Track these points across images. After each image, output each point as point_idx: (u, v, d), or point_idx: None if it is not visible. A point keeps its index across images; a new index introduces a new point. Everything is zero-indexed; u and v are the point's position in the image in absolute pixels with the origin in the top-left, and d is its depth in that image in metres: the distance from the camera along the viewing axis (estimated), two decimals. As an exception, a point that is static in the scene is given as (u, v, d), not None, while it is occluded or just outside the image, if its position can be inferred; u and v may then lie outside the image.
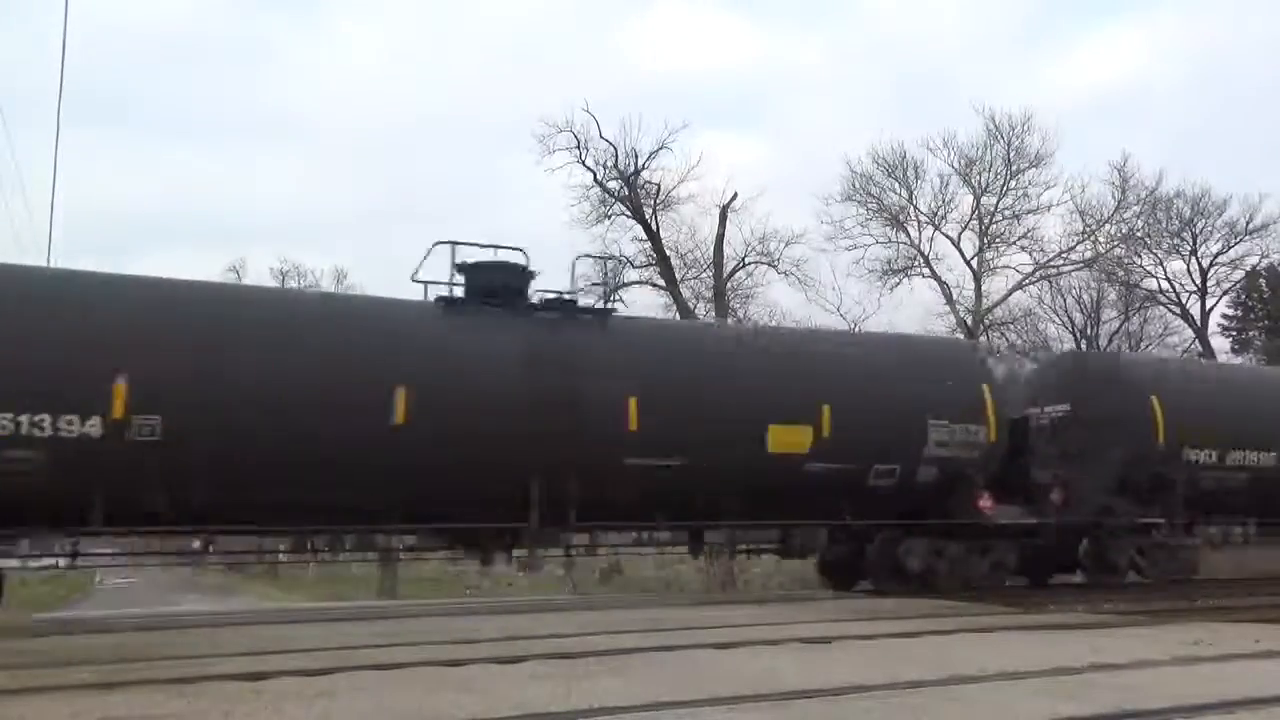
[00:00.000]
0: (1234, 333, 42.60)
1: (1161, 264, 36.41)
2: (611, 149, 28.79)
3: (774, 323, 28.90)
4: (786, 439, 12.62)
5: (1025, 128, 33.13)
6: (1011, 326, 35.01)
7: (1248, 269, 37.85)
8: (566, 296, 12.76)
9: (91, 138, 78.52)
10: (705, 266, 29.66)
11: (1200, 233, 35.83)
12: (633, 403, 11.82)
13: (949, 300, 32.97)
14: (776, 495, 12.60)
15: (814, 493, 12.81)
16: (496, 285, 12.17)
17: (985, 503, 13.81)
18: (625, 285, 29.83)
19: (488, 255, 12.47)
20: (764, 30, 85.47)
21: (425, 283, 12.04)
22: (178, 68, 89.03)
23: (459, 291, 12.12)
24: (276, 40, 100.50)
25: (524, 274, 12.47)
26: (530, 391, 11.32)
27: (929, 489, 13.45)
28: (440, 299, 12.04)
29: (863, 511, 13.20)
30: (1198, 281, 36.64)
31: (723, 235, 29.22)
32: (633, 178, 28.91)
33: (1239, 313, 42.41)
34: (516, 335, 11.85)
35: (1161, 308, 37.29)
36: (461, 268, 12.17)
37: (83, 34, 23.58)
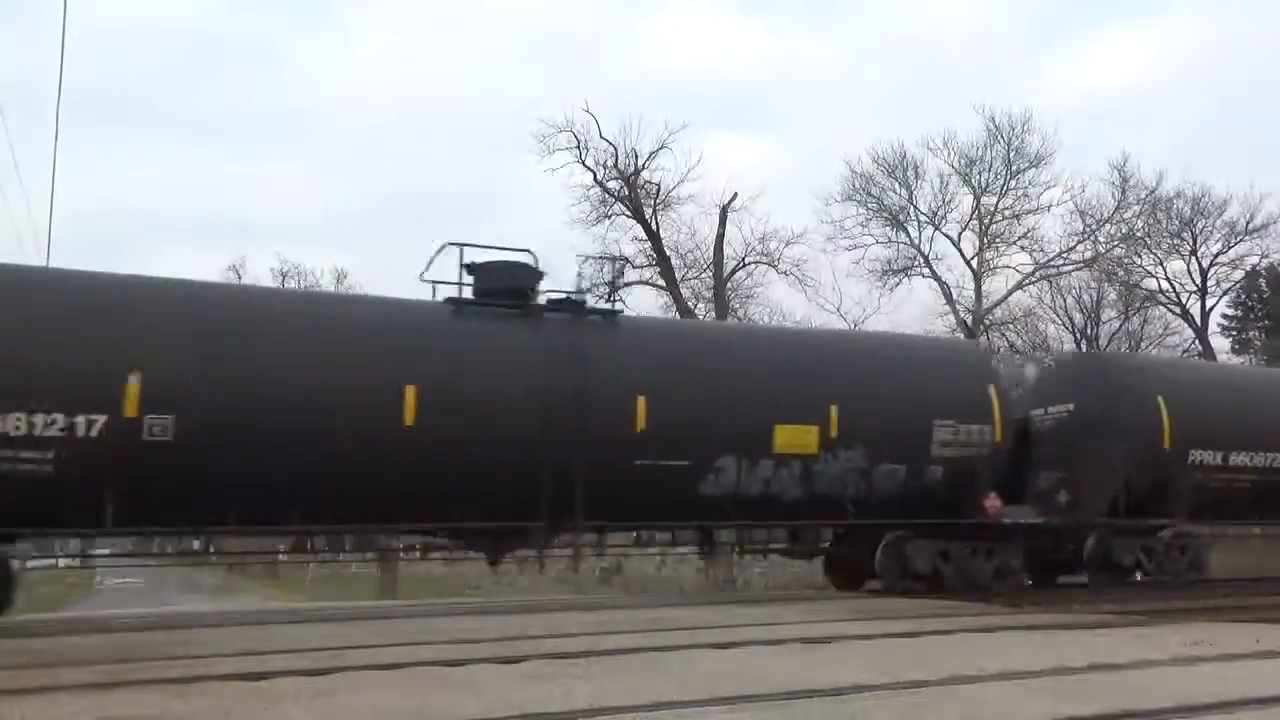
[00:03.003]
0: (1234, 333, 42.63)
1: (1161, 264, 36.48)
2: (611, 149, 28.89)
3: (777, 322, 28.92)
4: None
5: (1025, 128, 33.24)
6: (1011, 326, 35.11)
7: (1248, 269, 37.92)
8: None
9: (91, 135, 78.59)
10: (705, 266, 29.74)
11: (1200, 233, 35.89)
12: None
13: (949, 300, 33.05)
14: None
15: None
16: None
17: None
18: (625, 285, 29.95)
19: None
20: (771, 31, 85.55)
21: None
22: (178, 65, 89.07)
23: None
24: (279, 39, 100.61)
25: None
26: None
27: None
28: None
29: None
30: (1198, 281, 36.69)
31: (723, 235, 29.32)
32: (633, 178, 28.98)
33: (1239, 313, 42.43)
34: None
35: (1161, 308, 37.36)
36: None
37: (82, 31, 23.65)
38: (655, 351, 12.73)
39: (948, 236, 33.67)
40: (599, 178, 29.28)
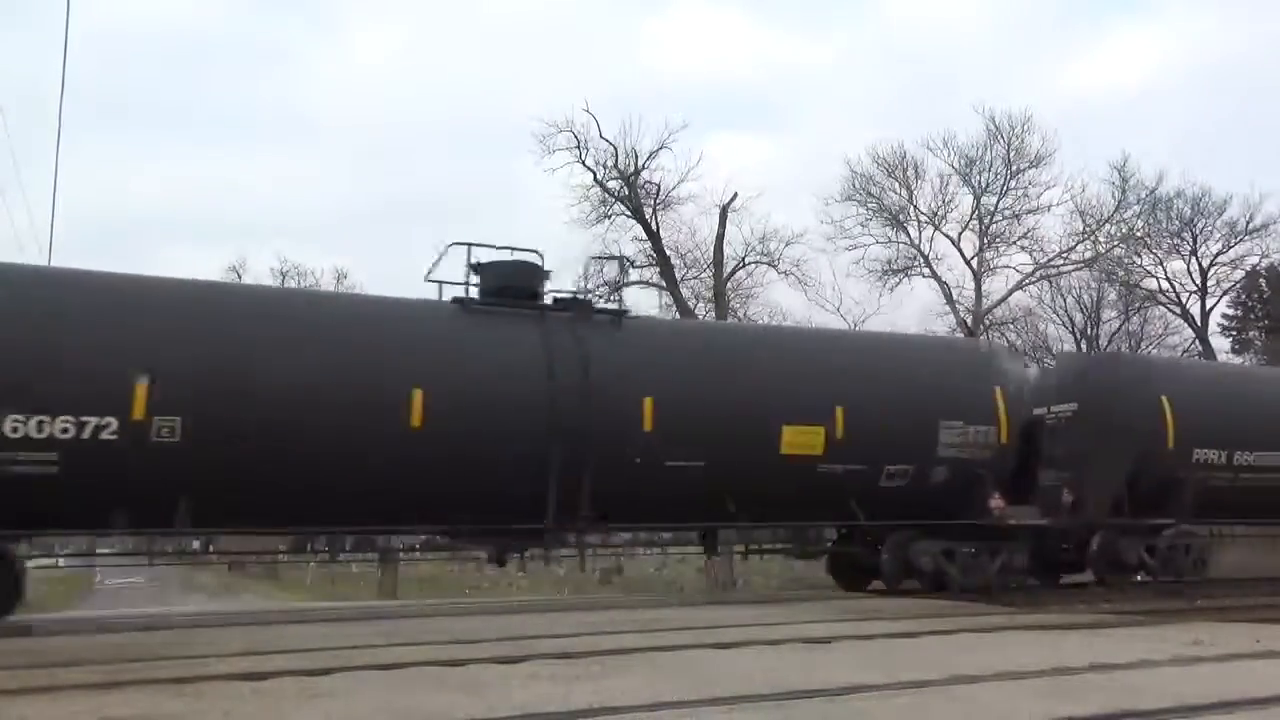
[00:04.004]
0: (1234, 333, 42.66)
1: (1161, 264, 36.51)
2: (611, 149, 28.88)
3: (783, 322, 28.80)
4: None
5: (1025, 128, 33.24)
6: (1011, 326, 35.12)
7: (1248, 269, 37.93)
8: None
9: (92, 136, 78.50)
10: (705, 266, 29.74)
11: (1200, 233, 35.93)
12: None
13: (949, 300, 33.06)
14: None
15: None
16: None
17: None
18: (626, 285, 29.95)
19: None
20: (772, 31, 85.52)
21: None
22: (179, 66, 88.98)
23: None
24: (279, 39, 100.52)
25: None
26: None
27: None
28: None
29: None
30: (1198, 281, 36.72)
31: (723, 235, 29.31)
32: (633, 178, 28.97)
33: (1239, 313, 42.45)
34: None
35: (1161, 308, 37.38)
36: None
37: (83, 32, 23.66)
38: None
39: (948, 236, 33.70)
40: (599, 178, 29.27)
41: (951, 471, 13.43)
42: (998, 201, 33.20)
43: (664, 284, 29.25)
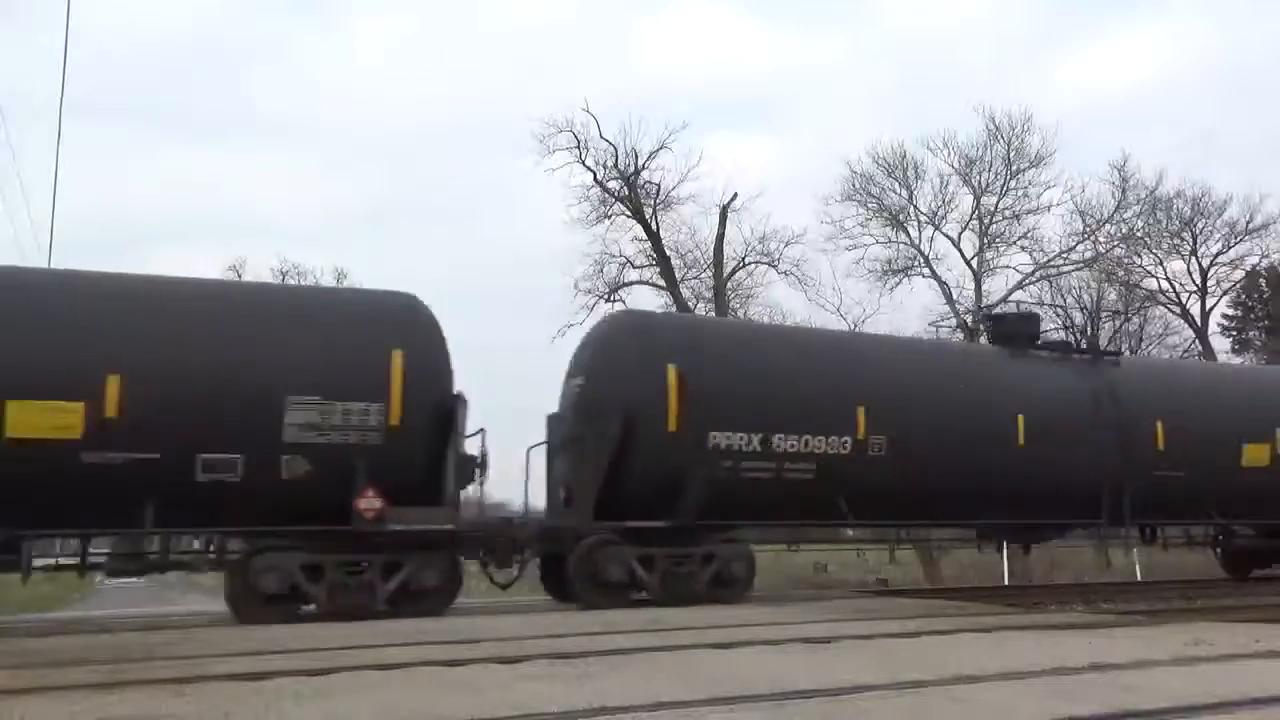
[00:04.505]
0: (1234, 333, 42.71)
1: (1161, 264, 36.56)
2: (611, 149, 28.94)
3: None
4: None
5: (1025, 128, 33.27)
6: (1011, 326, 35.01)
7: (1248, 269, 37.98)
8: None
9: (92, 137, 78.55)
10: (705, 266, 29.81)
11: (1200, 233, 36.00)
12: None
13: (949, 300, 33.09)
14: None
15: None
16: None
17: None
18: (625, 285, 30.00)
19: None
20: (771, 30, 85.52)
21: None
22: (178, 66, 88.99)
23: None
24: (279, 40, 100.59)
25: None
26: None
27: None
28: None
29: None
30: (1198, 281, 36.79)
31: (723, 235, 29.41)
32: (633, 178, 29.03)
33: (1239, 313, 42.51)
34: None
35: (1161, 308, 37.39)
36: None
37: (82, 33, 23.75)
38: None
39: (948, 236, 33.73)
40: (599, 178, 29.36)
41: (313, 463, 10.79)
42: (998, 201, 33.26)
43: (664, 284, 29.30)
